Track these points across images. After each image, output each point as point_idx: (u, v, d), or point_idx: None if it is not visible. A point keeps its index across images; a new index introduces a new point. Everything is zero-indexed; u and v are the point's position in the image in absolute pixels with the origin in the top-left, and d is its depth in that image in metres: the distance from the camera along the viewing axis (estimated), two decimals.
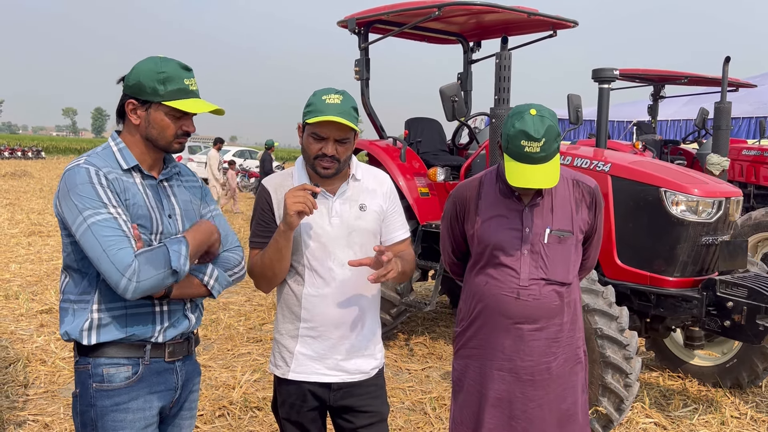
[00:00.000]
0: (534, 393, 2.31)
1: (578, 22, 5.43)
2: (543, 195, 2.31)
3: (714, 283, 3.85)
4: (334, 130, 2.11)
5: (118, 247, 1.76)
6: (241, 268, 2.12)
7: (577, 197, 2.34)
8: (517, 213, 2.31)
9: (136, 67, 1.92)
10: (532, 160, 2.14)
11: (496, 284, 2.31)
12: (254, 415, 4.10)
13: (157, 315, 1.94)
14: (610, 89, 5.22)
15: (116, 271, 1.74)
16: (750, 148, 8.40)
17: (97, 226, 1.77)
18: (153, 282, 1.79)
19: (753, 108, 14.22)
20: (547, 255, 2.28)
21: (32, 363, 4.82)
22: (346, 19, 5.63)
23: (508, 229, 2.30)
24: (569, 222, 2.31)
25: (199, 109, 1.93)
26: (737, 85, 8.73)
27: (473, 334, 2.40)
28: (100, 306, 1.88)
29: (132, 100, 1.91)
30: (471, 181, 2.45)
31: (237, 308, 6.71)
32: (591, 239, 2.44)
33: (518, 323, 2.29)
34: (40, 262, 8.55)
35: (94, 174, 1.82)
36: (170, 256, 1.82)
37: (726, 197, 4.00)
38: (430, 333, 6.12)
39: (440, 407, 4.33)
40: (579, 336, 2.40)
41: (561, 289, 2.30)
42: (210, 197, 2.19)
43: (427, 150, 5.99)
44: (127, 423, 1.91)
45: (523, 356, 2.29)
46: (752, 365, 4.62)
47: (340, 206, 2.23)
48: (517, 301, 2.28)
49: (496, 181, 2.38)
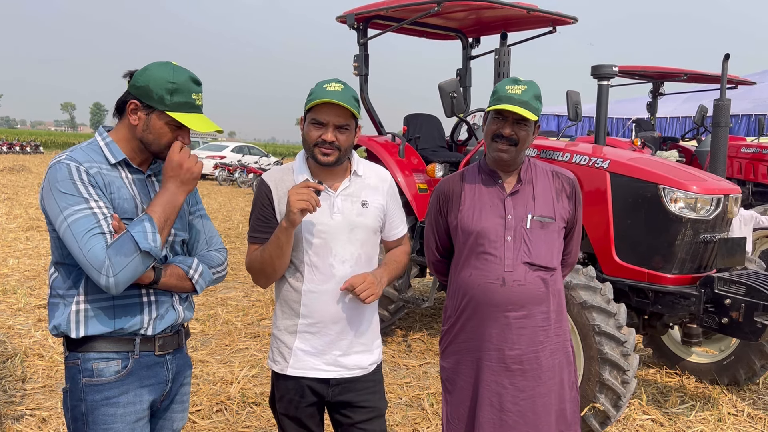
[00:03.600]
0: (524, 384, 2.31)
1: (578, 19, 5.42)
2: (524, 183, 2.37)
3: (712, 281, 3.85)
4: (333, 115, 2.11)
5: (91, 244, 1.76)
6: (224, 268, 2.15)
7: (557, 187, 2.40)
8: (500, 201, 2.35)
9: (149, 71, 1.90)
10: (513, 101, 2.25)
11: (481, 274, 2.33)
12: (252, 410, 4.10)
13: (145, 306, 1.94)
14: (610, 86, 5.22)
15: (94, 269, 1.76)
16: (749, 146, 8.39)
17: (75, 224, 1.78)
18: (129, 271, 1.78)
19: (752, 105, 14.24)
20: (530, 239, 2.32)
21: (30, 358, 4.82)
22: (345, 14, 5.61)
23: (491, 217, 2.34)
24: (551, 209, 2.36)
25: (201, 128, 1.93)
26: (737, 83, 8.73)
27: (461, 328, 2.41)
28: (87, 297, 1.88)
29: (135, 100, 1.90)
30: (453, 175, 2.51)
31: (235, 304, 6.71)
32: (572, 233, 2.48)
33: (505, 311, 2.31)
34: (38, 256, 8.54)
35: (74, 170, 1.82)
36: (135, 238, 1.78)
37: (725, 194, 4.00)
38: (428, 329, 6.12)
39: (437, 403, 4.33)
40: (565, 328, 2.43)
41: (546, 275, 2.33)
42: (197, 194, 2.19)
43: (425, 146, 5.98)
44: (118, 417, 1.91)
45: (511, 345, 2.31)
46: (750, 362, 4.63)
47: (341, 202, 2.22)
48: (503, 288, 2.30)
49: (479, 172, 2.43)
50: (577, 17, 5.37)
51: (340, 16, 5.70)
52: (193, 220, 2.13)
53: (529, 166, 2.41)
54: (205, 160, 25.47)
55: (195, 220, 2.13)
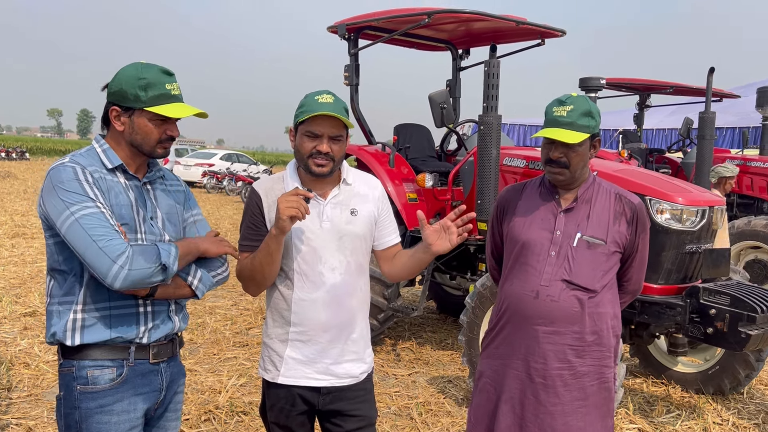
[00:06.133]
0: (546, 398, 2.29)
1: (566, 31, 5.49)
2: (580, 201, 2.35)
3: (697, 291, 3.90)
4: (328, 126, 2.14)
5: (109, 237, 1.78)
6: (224, 269, 2.14)
7: (617, 210, 2.35)
8: (552, 216, 2.36)
9: (118, 74, 1.93)
10: (559, 123, 2.25)
11: (520, 284, 2.36)
12: (240, 419, 4.09)
13: (141, 316, 1.95)
14: (597, 98, 5.29)
15: (107, 258, 1.75)
16: (733, 158, 8.51)
17: (85, 219, 1.78)
18: (143, 273, 1.80)
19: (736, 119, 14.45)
20: (573, 258, 2.30)
21: (15, 366, 4.77)
22: (336, 24, 5.65)
23: (539, 229, 2.35)
24: (604, 231, 2.32)
25: (180, 114, 1.93)
26: (721, 96, 8.86)
27: (497, 334, 2.45)
28: (85, 306, 1.88)
29: (115, 107, 1.92)
30: (517, 185, 2.54)
31: (223, 312, 6.68)
32: (632, 260, 2.40)
33: (534, 324, 2.31)
34: (23, 264, 8.46)
35: (80, 171, 1.84)
36: (160, 252, 1.84)
37: (710, 206, 4.06)
38: (416, 338, 6.13)
39: (426, 413, 4.34)
40: (607, 356, 2.35)
41: (583, 296, 2.30)
42: (193, 201, 2.20)
43: (415, 156, 6.02)
44: (112, 425, 1.91)
45: (536, 358, 2.31)
46: (734, 372, 4.68)
47: (331, 210, 2.24)
48: (536, 301, 2.31)
49: (540, 185, 2.45)
50: (565, 30, 5.45)
51: (331, 27, 5.73)
52: (187, 227, 2.13)
53: (592, 185, 2.37)
54: (193, 168, 25.37)
55: (189, 227, 2.14)
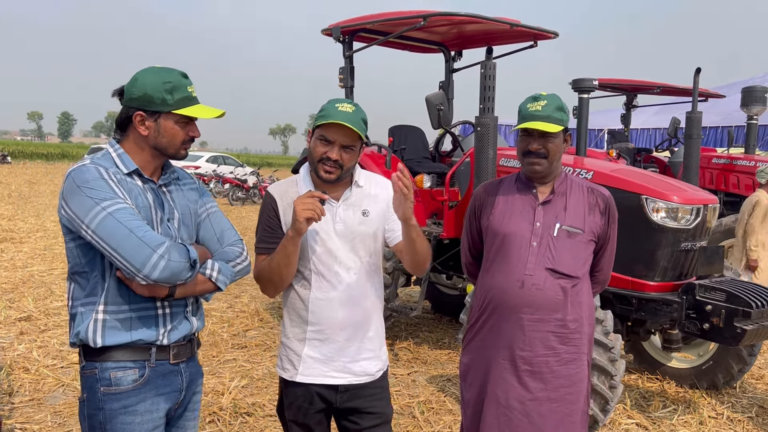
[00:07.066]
0: (532, 385, 2.38)
1: (558, 33, 5.57)
2: (557, 194, 2.45)
3: (693, 288, 3.98)
4: (342, 135, 2.18)
5: (146, 228, 1.82)
6: (244, 258, 2.15)
7: (591, 202, 2.47)
8: (531, 208, 2.44)
9: (140, 80, 1.95)
10: (535, 117, 2.36)
11: (502, 275, 2.43)
12: (245, 420, 4.11)
13: (161, 318, 1.98)
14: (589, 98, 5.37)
15: (147, 247, 1.79)
16: (719, 157, 8.67)
17: (120, 212, 1.81)
18: (178, 267, 1.84)
19: (720, 118, 14.67)
20: (555, 247, 2.40)
21: (15, 371, 4.75)
22: (330, 27, 5.69)
23: (519, 222, 2.44)
24: (581, 221, 2.43)
25: (206, 115, 1.99)
26: (707, 95, 9.01)
27: (480, 327, 2.51)
28: (106, 308, 1.91)
29: (140, 112, 1.94)
30: (492, 180, 2.63)
31: (219, 315, 6.69)
32: (603, 249, 2.52)
33: (519, 312, 2.38)
34: (14, 269, 8.40)
35: (104, 171, 1.87)
36: (189, 249, 1.89)
37: (704, 204, 4.15)
38: (414, 338, 6.18)
39: (428, 411, 4.39)
40: (585, 344, 2.46)
41: (567, 284, 2.39)
42: (207, 195, 2.22)
43: (410, 157, 6.08)
44: (136, 425, 1.94)
45: (522, 346, 2.38)
46: (727, 367, 4.78)
47: (344, 212, 2.29)
48: (521, 290, 2.38)
49: (516, 181, 2.53)
50: (558, 32, 5.53)
51: (325, 29, 5.77)
52: (201, 223, 2.15)
53: (565, 179, 2.49)
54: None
55: (203, 222, 2.15)
